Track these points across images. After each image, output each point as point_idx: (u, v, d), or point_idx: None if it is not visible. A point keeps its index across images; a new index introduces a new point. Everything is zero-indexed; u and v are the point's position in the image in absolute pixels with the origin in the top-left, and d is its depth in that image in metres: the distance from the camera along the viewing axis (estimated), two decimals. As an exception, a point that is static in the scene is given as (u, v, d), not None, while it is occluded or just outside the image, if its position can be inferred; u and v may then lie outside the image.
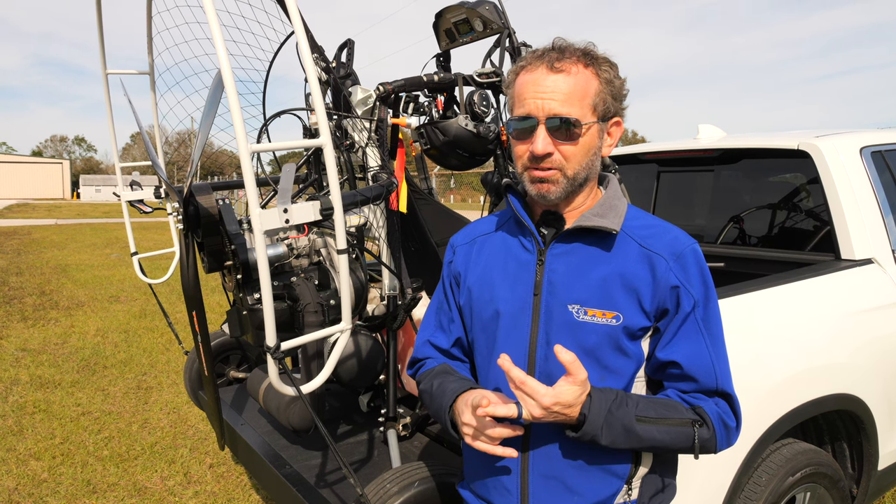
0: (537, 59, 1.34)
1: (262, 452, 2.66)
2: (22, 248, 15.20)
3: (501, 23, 2.79)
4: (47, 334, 7.11)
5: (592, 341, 1.35)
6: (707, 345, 1.36)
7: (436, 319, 1.65)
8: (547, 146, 1.31)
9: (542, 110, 1.31)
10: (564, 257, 1.40)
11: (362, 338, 2.65)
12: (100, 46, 3.16)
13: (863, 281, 2.59)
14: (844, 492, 2.44)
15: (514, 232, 1.51)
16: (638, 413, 1.30)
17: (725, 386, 1.37)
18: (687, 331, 1.36)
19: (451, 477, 2.07)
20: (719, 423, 1.34)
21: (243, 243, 1.88)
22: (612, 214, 1.40)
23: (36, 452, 4.15)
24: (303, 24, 1.76)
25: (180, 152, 24.30)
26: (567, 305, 1.37)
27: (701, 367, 1.35)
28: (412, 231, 2.77)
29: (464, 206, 41.41)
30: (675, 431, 1.31)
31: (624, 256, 1.37)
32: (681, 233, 1.42)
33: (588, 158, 1.35)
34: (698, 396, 1.36)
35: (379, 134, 2.54)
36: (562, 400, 1.24)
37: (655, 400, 1.35)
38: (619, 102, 1.39)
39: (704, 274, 1.38)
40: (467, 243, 1.60)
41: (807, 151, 2.85)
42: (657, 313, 1.36)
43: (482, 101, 2.66)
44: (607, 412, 1.28)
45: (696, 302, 1.35)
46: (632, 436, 1.29)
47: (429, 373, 1.58)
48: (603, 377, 1.36)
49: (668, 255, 1.36)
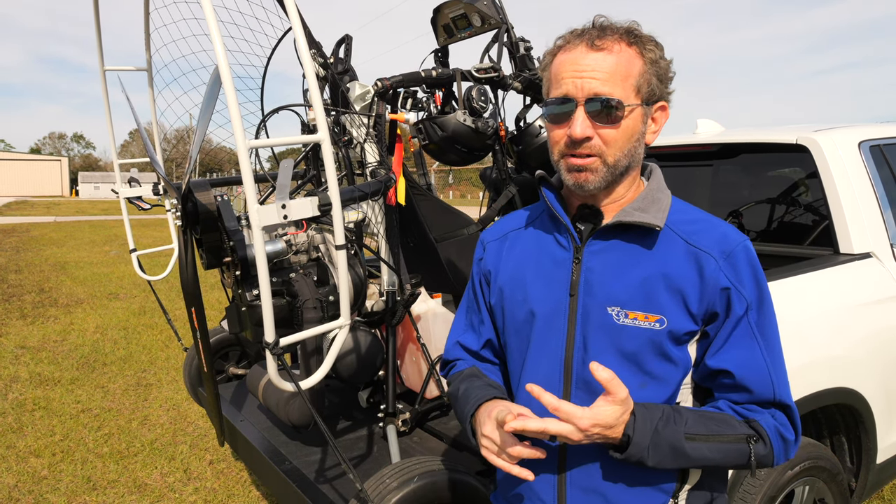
0: (576, 37, 1.24)
1: (262, 448, 2.66)
2: (21, 246, 15.19)
3: (499, 18, 2.79)
4: (46, 332, 7.11)
5: (633, 346, 1.25)
6: (762, 352, 1.24)
7: (466, 319, 1.58)
8: (586, 129, 1.21)
9: (581, 90, 1.20)
10: (603, 255, 1.30)
11: (361, 334, 2.65)
12: (98, 43, 3.16)
13: (861, 275, 2.60)
14: (843, 485, 2.45)
15: (549, 227, 1.40)
16: (687, 431, 1.19)
17: (783, 396, 1.25)
18: (739, 336, 1.24)
19: (451, 472, 2.07)
20: (777, 437, 1.23)
21: (242, 240, 1.88)
22: (654, 208, 1.28)
23: (36, 449, 4.16)
24: (300, 20, 1.76)
25: (179, 149, 24.24)
26: (606, 307, 1.27)
27: (756, 376, 1.24)
28: (411, 227, 2.77)
29: (462, 202, 41.37)
30: (728, 448, 1.21)
31: (668, 254, 1.26)
32: (731, 228, 1.29)
33: (630, 144, 1.24)
34: (753, 408, 1.25)
35: (377, 130, 2.54)
36: (601, 421, 1.14)
37: (706, 414, 1.24)
38: (665, 85, 1.28)
39: (758, 274, 1.26)
40: (498, 239, 1.50)
41: (805, 146, 2.85)
42: (705, 317, 1.25)
43: (480, 97, 2.66)
44: (653, 431, 1.18)
45: (748, 305, 1.24)
46: (681, 455, 1.19)
47: (457, 375, 1.50)
48: (645, 384, 1.26)
49: (717, 253, 1.24)
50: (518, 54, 2.85)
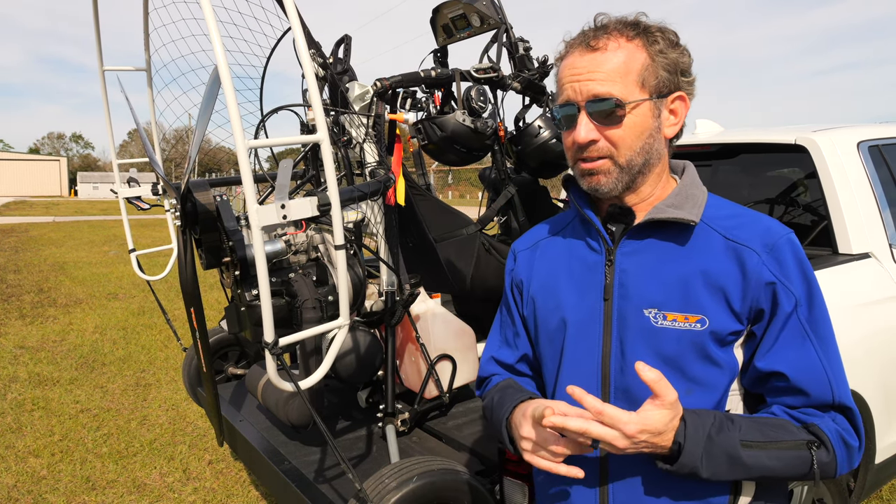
0: (574, 40, 1.22)
1: (261, 448, 2.66)
2: (20, 246, 15.18)
3: (498, 18, 2.79)
4: (45, 332, 7.10)
5: (674, 350, 1.18)
6: (816, 350, 1.16)
7: (500, 334, 1.51)
8: (589, 132, 1.18)
9: (579, 94, 1.18)
10: (637, 256, 1.24)
11: (360, 334, 2.66)
12: (97, 43, 3.16)
13: (860, 275, 2.60)
14: (842, 485, 2.45)
15: (580, 231, 1.35)
16: (743, 437, 1.10)
17: (843, 398, 1.16)
18: (790, 335, 1.16)
19: (450, 472, 2.07)
20: (839, 442, 1.14)
21: (241, 240, 1.88)
22: (689, 204, 1.22)
23: (35, 449, 4.15)
24: (300, 19, 1.76)
25: (178, 149, 24.22)
26: (642, 310, 1.21)
27: (812, 377, 1.15)
28: (410, 227, 2.77)
29: (462, 202, 41.37)
30: (788, 456, 1.11)
31: (707, 251, 1.20)
32: (773, 221, 1.22)
33: (642, 141, 1.19)
34: (811, 412, 1.16)
35: (376, 130, 2.54)
36: (649, 427, 1.06)
37: (760, 420, 1.15)
38: (679, 75, 1.21)
39: (805, 267, 1.19)
40: (529, 248, 1.45)
41: (804, 146, 2.85)
42: (750, 315, 1.17)
43: (479, 97, 2.66)
44: (707, 438, 1.09)
45: (797, 300, 1.16)
46: (737, 465, 1.10)
47: (493, 388, 1.44)
48: (689, 390, 1.18)
49: (759, 246, 1.17)
50: (517, 54, 2.85)
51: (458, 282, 2.85)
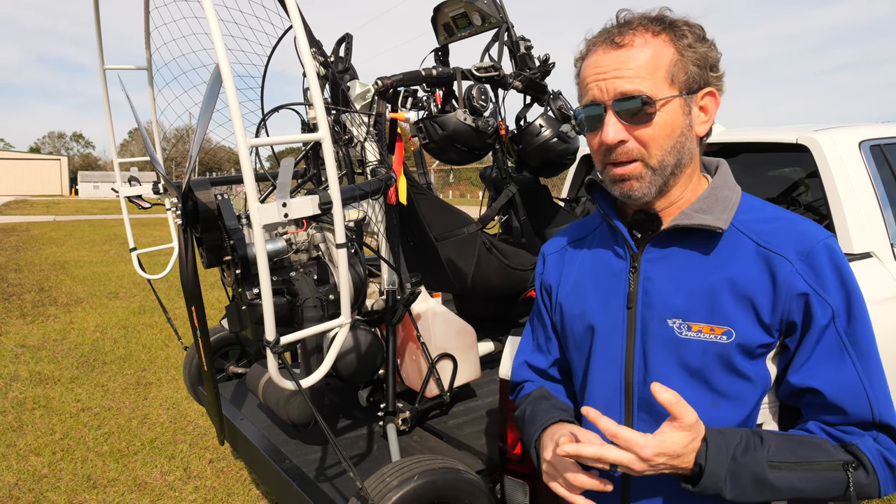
0: (597, 38, 1.17)
1: (262, 447, 2.66)
2: (20, 245, 15.18)
3: (500, 17, 2.79)
4: (46, 330, 7.10)
5: (698, 361, 1.14)
6: (855, 365, 1.10)
7: (532, 338, 1.49)
8: (618, 133, 1.12)
9: (606, 93, 1.12)
10: (662, 263, 1.19)
11: (361, 332, 2.66)
12: (98, 42, 3.16)
13: (861, 275, 2.59)
14: (843, 485, 2.45)
15: (606, 236, 1.31)
16: (771, 458, 1.05)
17: (885, 416, 1.09)
18: (826, 349, 1.10)
19: (451, 471, 2.07)
20: (881, 462, 1.08)
21: (242, 238, 1.88)
22: (719, 208, 1.17)
23: (36, 448, 4.16)
24: (301, 18, 1.76)
25: (178, 148, 24.19)
26: (666, 320, 1.16)
27: (849, 394, 1.09)
28: (411, 226, 2.77)
29: (462, 202, 41.36)
30: (821, 478, 1.06)
31: (736, 258, 1.14)
32: (811, 225, 1.15)
33: (673, 140, 1.13)
34: (850, 430, 1.10)
35: (377, 128, 2.54)
36: (666, 450, 1.02)
37: (794, 438, 1.10)
38: (709, 70, 1.16)
39: (844, 275, 1.11)
40: (558, 252, 1.42)
41: (805, 145, 2.85)
42: (781, 327, 1.12)
43: (481, 96, 2.66)
44: (731, 459, 1.04)
45: (834, 312, 1.10)
46: (765, 487, 1.05)
47: (525, 398, 1.41)
48: (716, 403, 1.14)
49: (792, 254, 1.11)
50: (518, 53, 2.85)
51: (459, 281, 2.85)
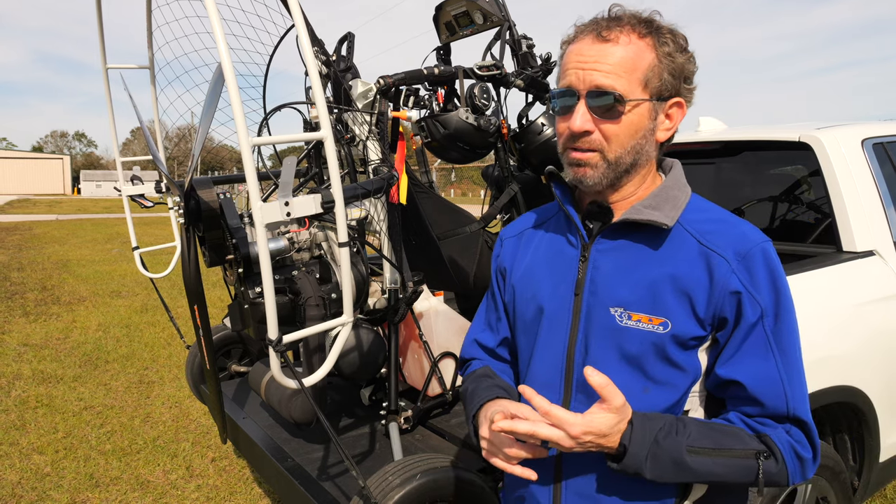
0: (586, 26, 1.21)
1: (264, 446, 2.66)
2: (23, 244, 15.21)
3: (502, 15, 2.79)
4: (49, 329, 7.12)
5: (636, 349, 1.20)
6: (777, 362, 1.17)
7: (485, 317, 1.55)
8: (586, 123, 1.17)
9: (582, 82, 1.17)
10: (610, 254, 1.25)
11: (364, 331, 2.66)
12: (100, 41, 3.16)
13: (864, 273, 2.59)
14: (846, 484, 2.45)
15: (562, 225, 1.37)
16: (690, 443, 1.13)
17: (798, 411, 1.17)
18: (753, 345, 1.17)
19: (453, 469, 2.07)
20: (790, 454, 1.16)
21: (244, 237, 1.88)
22: (668, 206, 1.23)
23: (39, 447, 4.17)
24: (303, 17, 1.76)
25: (181, 147, 24.31)
26: (609, 308, 1.23)
27: (768, 388, 1.17)
28: (413, 224, 2.77)
29: (464, 200, 41.35)
30: (734, 464, 1.14)
31: (679, 255, 1.20)
32: (751, 229, 1.22)
33: (634, 141, 1.19)
34: (766, 422, 1.18)
35: (379, 127, 2.54)
36: (594, 429, 1.10)
37: (714, 426, 1.18)
38: (682, 81, 1.21)
39: (776, 279, 1.18)
40: (515, 236, 1.48)
41: (808, 143, 2.85)
42: (714, 322, 1.19)
43: (483, 94, 2.65)
44: (653, 442, 1.12)
45: (763, 311, 1.17)
46: (682, 469, 1.13)
47: (470, 375, 1.48)
48: (648, 389, 1.21)
49: (730, 254, 1.17)
50: (520, 52, 2.85)
51: (461, 279, 2.85)
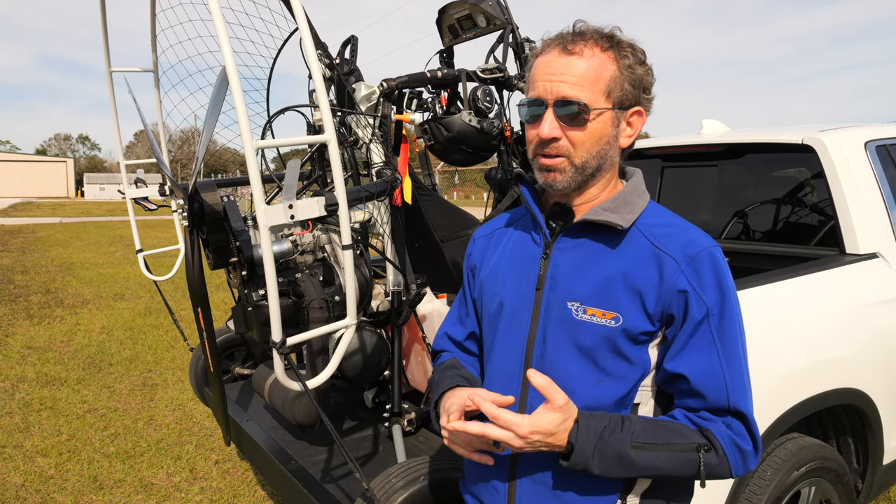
0: (553, 41, 1.30)
1: (268, 448, 2.67)
2: (27, 247, 15.25)
3: (504, 18, 2.79)
4: (53, 332, 7.13)
5: (589, 342, 1.28)
6: (720, 358, 1.24)
7: (457, 311, 1.63)
8: (553, 130, 1.26)
9: (550, 93, 1.26)
10: (570, 252, 1.34)
11: (367, 333, 2.66)
12: (104, 45, 3.17)
13: (868, 275, 2.59)
14: (849, 486, 2.45)
15: (528, 225, 1.46)
16: (634, 439, 1.20)
17: (738, 404, 1.24)
18: (698, 342, 1.24)
19: (456, 472, 2.08)
20: (731, 446, 1.23)
21: (248, 240, 1.89)
22: (625, 210, 1.31)
23: (43, 449, 4.17)
24: (307, 20, 1.77)
25: (184, 150, 24.38)
26: (566, 302, 1.30)
27: (710, 382, 1.23)
28: (416, 227, 2.78)
29: (467, 203, 41.35)
30: (677, 458, 1.21)
31: (632, 255, 1.29)
32: (700, 234, 1.30)
33: (599, 147, 1.28)
34: (707, 416, 1.25)
35: (383, 130, 2.54)
36: (541, 428, 1.17)
37: (657, 423, 1.25)
38: (641, 91, 1.30)
39: (722, 280, 1.25)
40: (486, 236, 1.57)
41: (811, 146, 2.85)
42: (662, 318, 1.27)
43: (486, 97, 2.66)
44: (598, 439, 1.19)
45: (708, 310, 1.23)
46: (627, 464, 1.20)
47: (439, 367, 1.56)
48: (600, 381, 1.28)
49: (680, 256, 1.25)
50: (523, 55, 2.85)
51: (463, 282, 2.85)
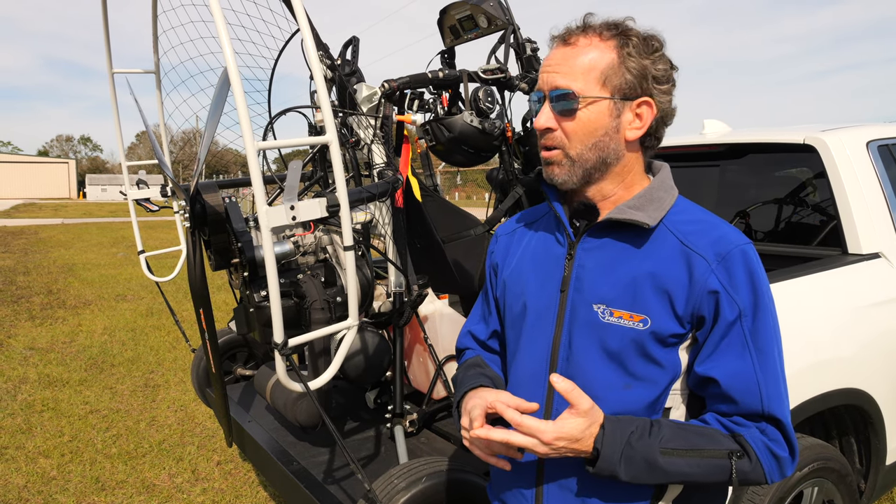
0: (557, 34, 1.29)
1: (270, 449, 2.67)
2: (29, 248, 15.27)
3: (506, 19, 2.79)
4: (55, 333, 7.14)
5: (617, 345, 1.23)
6: (753, 361, 1.18)
7: (480, 309, 1.60)
8: (548, 121, 1.24)
9: (546, 84, 1.25)
10: (595, 252, 1.29)
11: (369, 334, 2.66)
12: (106, 46, 3.17)
13: (870, 275, 2.59)
14: (852, 487, 2.44)
15: (551, 223, 1.41)
16: (663, 445, 1.15)
17: (774, 409, 1.18)
18: (730, 344, 1.19)
19: (459, 473, 2.08)
20: (765, 453, 1.17)
21: (249, 241, 1.89)
22: (652, 207, 1.25)
23: (45, 450, 4.18)
24: (308, 21, 1.77)
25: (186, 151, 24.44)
26: (592, 304, 1.26)
27: (743, 386, 1.18)
28: (418, 228, 2.78)
29: (469, 203, 41.36)
30: (707, 464, 1.16)
31: (660, 254, 1.23)
32: (732, 230, 1.24)
33: (595, 138, 1.23)
34: (740, 421, 1.20)
35: (384, 131, 2.54)
36: (565, 434, 1.13)
37: (689, 428, 1.20)
38: (650, 81, 1.23)
39: (756, 279, 1.19)
40: (509, 234, 1.53)
41: (813, 146, 2.84)
42: (692, 320, 1.21)
43: (487, 98, 2.66)
44: (626, 445, 1.15)
45: (741, 311, 1.18)
46: (656, 470, 1.15)
47: (463, 364, 1.54)
48: (629, 385, 1.23)
49: (710, 255, 1.20)
50: (524, 55, 2.85)
51: (465, 282, 2.85)
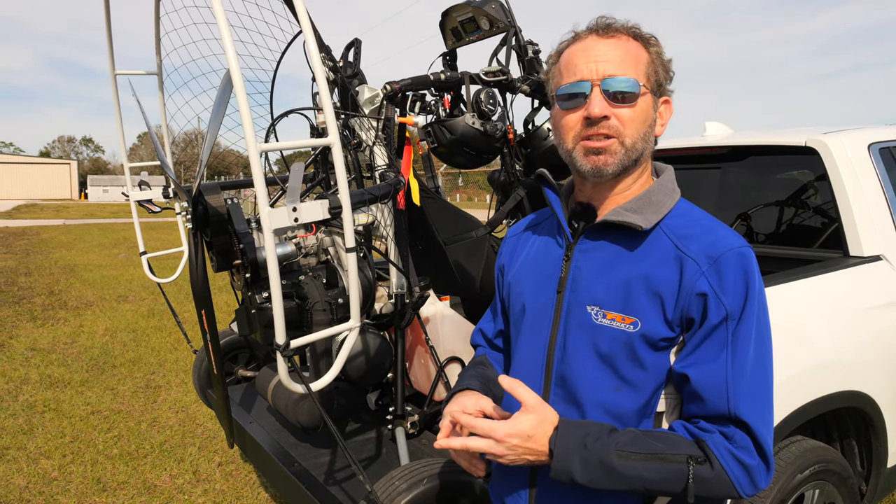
0: (585, 31, 1.28)
1: (271, 450, 2.67)
2: (30, 249, 15.28)
3: (508, 21, 2.80)
4: (56, 334, 7.15)
5: (608, 347, 1.22)
6: (727, 362, 1.15)
7: (492, 307, 1.63)
8: (604, 108, 1.20)
9: (596, 73, 1.21)
10: (591, 254, 1.29)
11: (370, 336, 2.66)
12: (108, 47, 3.18)
13: (871, 277, 2.59)
14: (853, 489, 2.44)
15: (552, 226, 1.42)
16: (620, 448, 1.13)
17: (741, 411, 1.13)
18: (710, 345, 1.17)
19: (459, 474, 2.08)
20: (729, 459, 1.12)
21: (251, 242, 1.89)
22: (649, 210, 1.25)
23: (46, 451, 4.18)
24: (310, 23, 1.77)
25: (188, 152, 24.47)
26: (586, 306, 1.26)
27: (711, 383, 1.15)
28: (419, 230, 2.78)
29: (470, 205, 41.38)
30: (665, 468, 1.12)
31: (654, 256, 1.23)
32: (729, 234, 1.22)
33: (645, 128, 1.24)
34: (705, 427, 1.17)
35: (386, 133, 2.55)
36: (516, 431, 1.14)
37: (649, 433, 1.18)
38: (668, 83, 1.30)
39: (749, 283, 1.17)
40: (517, 235, 1.54)
41: (814, 148, 2.84)
42: (682, 323, 1.20)
43: (489, 100, 2.66)
44: (580, 446, 1.13)
45: (728, 314, 1.16)
46: (613, 473, 1.13)
47: (470, 362, 1.57)
48: (619, 388, 1.23)
49: (702, 258, 1.18)
50: (526, 57, 2.86)
51: (467, 284, 2.85)
